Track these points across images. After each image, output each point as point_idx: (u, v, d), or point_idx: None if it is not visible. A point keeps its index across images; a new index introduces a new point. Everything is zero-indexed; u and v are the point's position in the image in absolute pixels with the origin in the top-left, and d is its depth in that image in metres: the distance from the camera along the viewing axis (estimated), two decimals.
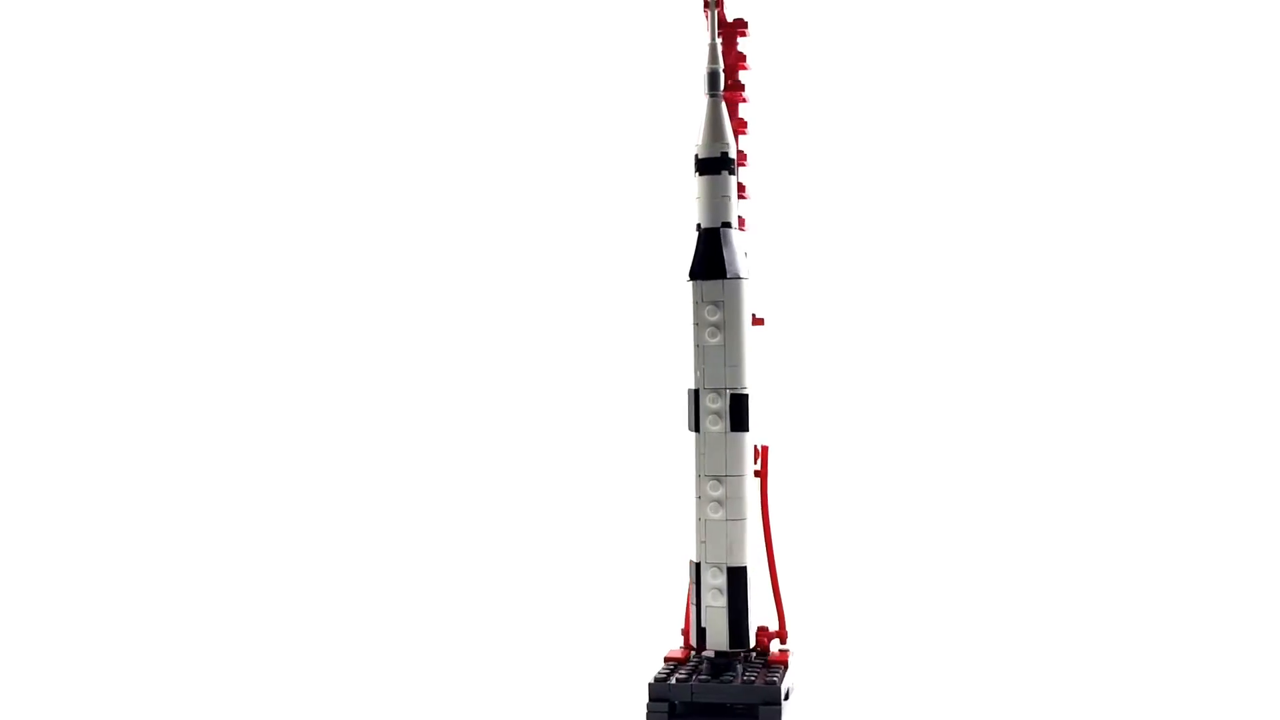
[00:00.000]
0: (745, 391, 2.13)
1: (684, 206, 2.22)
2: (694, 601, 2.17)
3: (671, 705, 2.08)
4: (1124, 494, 3.30)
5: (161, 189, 3.37)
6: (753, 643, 2.23)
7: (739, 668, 2.12)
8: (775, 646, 2.26)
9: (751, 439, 2.15)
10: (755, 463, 2.23)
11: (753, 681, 2.07)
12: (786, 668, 2.18)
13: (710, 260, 2.13)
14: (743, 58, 2.29)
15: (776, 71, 2.45)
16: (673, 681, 2.09)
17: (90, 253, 3.36)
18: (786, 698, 2.18)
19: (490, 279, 3.40)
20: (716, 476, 2.13)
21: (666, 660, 2.20)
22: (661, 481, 2.20)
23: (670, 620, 2.31)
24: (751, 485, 2.16)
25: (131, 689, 2.31)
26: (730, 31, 2.27)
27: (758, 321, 2.27)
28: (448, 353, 3.36)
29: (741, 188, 2.30)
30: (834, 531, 3.18)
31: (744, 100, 2.29)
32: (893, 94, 3.45)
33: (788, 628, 2.28)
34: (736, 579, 2.13)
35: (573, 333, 3.25)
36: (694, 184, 2.17)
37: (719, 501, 2.12)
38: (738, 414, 2.13)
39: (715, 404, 2.12)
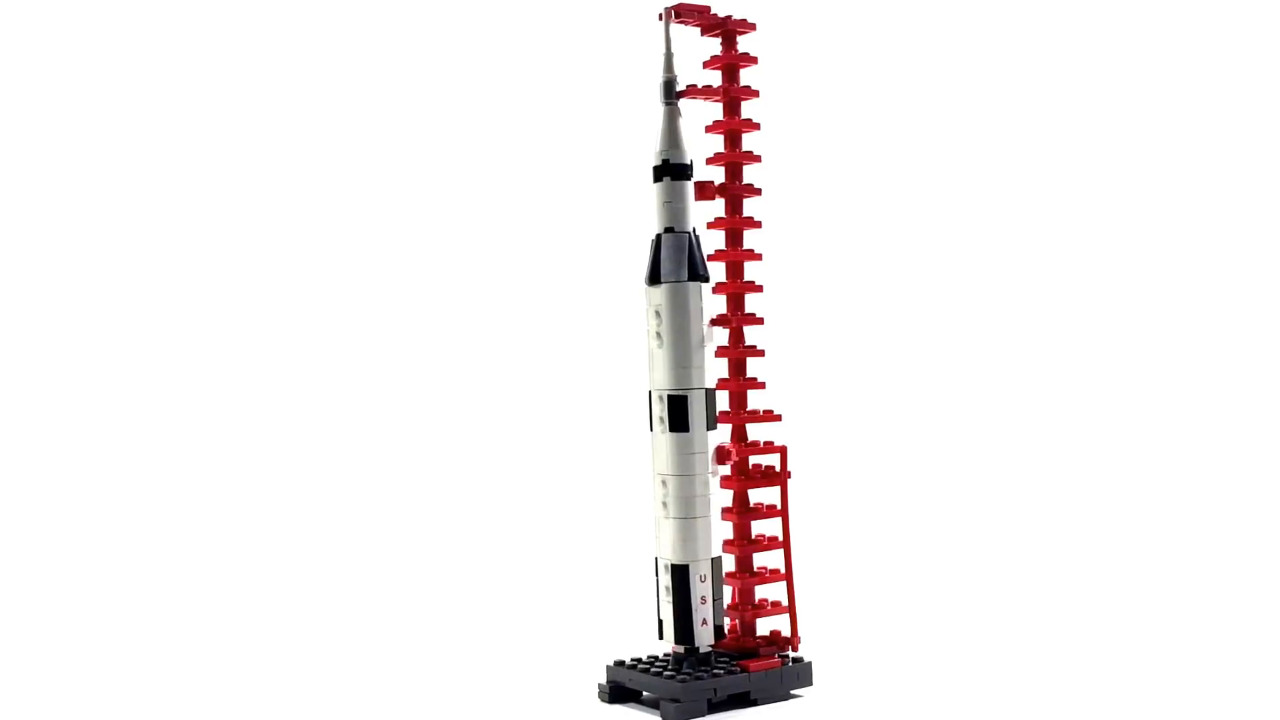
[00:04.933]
0: (683, 393, 2.16)
1: (703, 211, 2.29)
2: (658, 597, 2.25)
3: (614, 686, 2.22)
4: (1127, 494, 3.30)
5: (153, 190, 3.53)
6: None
7: (689, 663, 2.18)
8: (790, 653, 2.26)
9: (700, 439, 2.17)
10: (723, 462, 2.24)
11: (676, 677, 2.13)
12: (747, 672, 2.17)
13: (650, 267, 2.20)
14: (748, 57, 2.28)
15: (788, 69, 2.37)
16: (624, 668, 2.22)
17: (90, 254, 3.51)
18: (753, 701, 2.18)
19: (494, 284, 3.50)
20: (661, 476, 2.19)
21: (671, 652, 2.31)
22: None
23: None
24: (705, 486, 2.18)
25: (130, 689, 2.36)
26: (731, 30, 2.27)
27: (744, 319, 2.26)
28: (454, 355, 3.49)
29: (749, 187, 2.29)
30: (844, 531, 3.15)
31: (750, 98, 2.28)
32: (906, 93, 3.46)
33: (799, 635, 2.26)
34: (679, 577, 2.18)
35: (577, 335, 3.31)
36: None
37: (664, 501, 2.19)
38: (675, 415, 2.17)
39: (658, 407, 2.19)
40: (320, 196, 3.58)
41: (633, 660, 2.25)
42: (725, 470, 2.25)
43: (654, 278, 2.19)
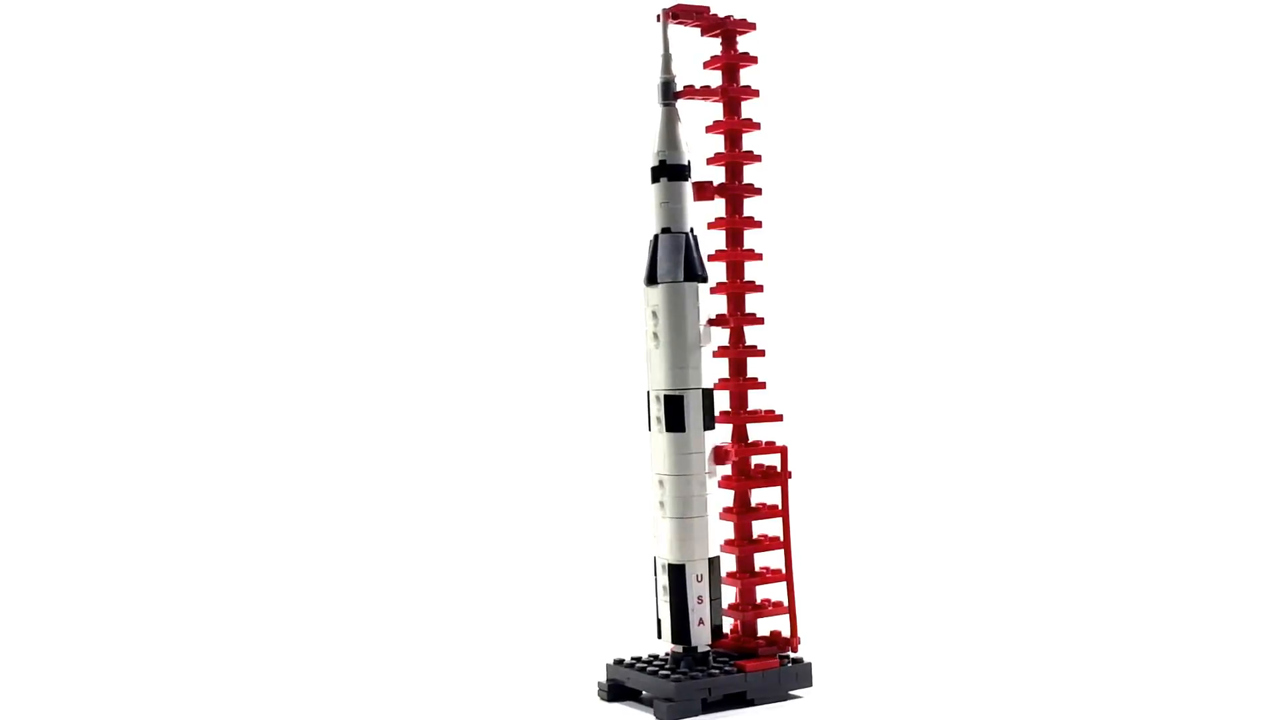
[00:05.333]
0: (679, 393, 2.17)
1: (703, 211, 2.29)
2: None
3: (613, 684, 2.22)
4: (1127, 493, 3.32)
5: (153, 192, 3.52)
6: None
7: (686, 663, 2.18)
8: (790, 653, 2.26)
9: (697, 439, 2.17)
10: (721, 462, 2.24)
11: (670, 677, 2.13)
12: (744, 672, 2.17)
13: (648, 267, 2.20)
14: (748, 57, 2.28)
15: (788, 69, 2.38)
16: (624, 666, 2.23)
17: (90, 254, 3.50)
18: (749, 701, 2.18)
19: (494, 284, 3.50)
20: (659, 476, 2.19)
21: (670, 651, 2.31)
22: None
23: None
24: (701, 485, 2.18)
25: (129, 689, 2.37)
26: (731, 30, 2.27)
27: (744, 320, 2.26)
28: (453, 355, 3.49)
29: (749, 187, 2.30)
30: (844, 531, 3.15)
31: (750, 98, 2.28)
32: (907, 92, 3.48)
33: (798, 636, 2.26)
34: (675, 576, 2.18)
35: (576, 335, 3.32)
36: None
37: (661, 501, 2.19)
38: (671, 416, 2.17)
39: (655, 407, 2.19)
40: (320, 197, 3.58)
41: (632, 659, 2.25)
42: (725, 470, 2.25)
43: (651, 278, 2.20)
